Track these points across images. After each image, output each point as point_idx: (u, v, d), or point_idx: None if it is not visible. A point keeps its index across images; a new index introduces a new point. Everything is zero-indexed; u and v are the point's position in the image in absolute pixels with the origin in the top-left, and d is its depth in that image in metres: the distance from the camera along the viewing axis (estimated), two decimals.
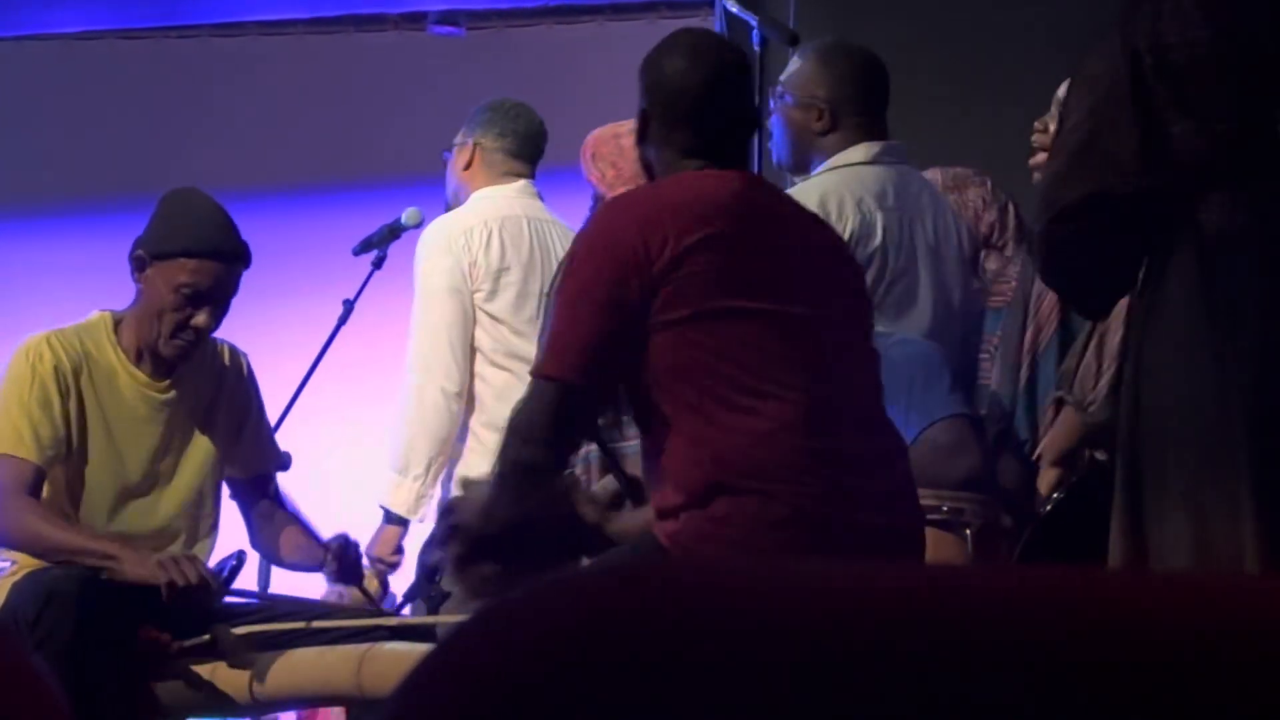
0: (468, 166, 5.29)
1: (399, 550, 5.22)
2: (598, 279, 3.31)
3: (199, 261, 4.25)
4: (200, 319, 4.26)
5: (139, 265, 4.31)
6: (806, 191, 4.53)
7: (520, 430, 3.34)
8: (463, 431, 5.12)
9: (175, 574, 4.03)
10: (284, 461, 4.59)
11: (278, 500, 4.51)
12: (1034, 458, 4.38)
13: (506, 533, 3.41)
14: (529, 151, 5.30)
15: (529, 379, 3.43)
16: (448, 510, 3.59)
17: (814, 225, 3.62)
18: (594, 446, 4.01)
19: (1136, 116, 2.92)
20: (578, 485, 3.66)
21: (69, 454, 4.25)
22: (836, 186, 4.60)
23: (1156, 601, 0.92)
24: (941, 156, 5.22)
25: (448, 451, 5.08)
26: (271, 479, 4.53)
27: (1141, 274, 3.08)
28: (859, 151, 4.68)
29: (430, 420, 5.05)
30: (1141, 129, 2.92)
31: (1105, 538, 3.07)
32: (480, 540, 3.43)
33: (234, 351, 4.52)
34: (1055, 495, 4.23)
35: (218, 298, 4.28)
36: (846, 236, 4.45)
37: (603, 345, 3.30)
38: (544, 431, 3.30)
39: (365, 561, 4.66)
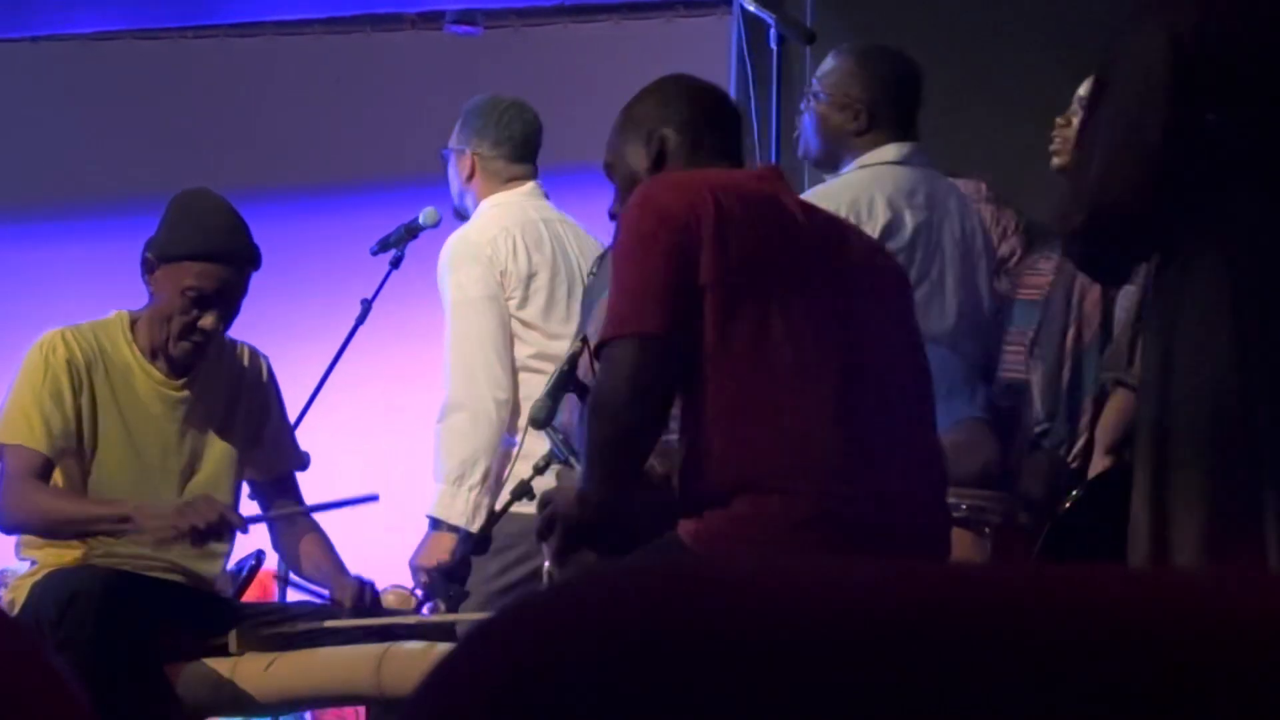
0: (470, 176, 5.26)
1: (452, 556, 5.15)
2: (650, 235, 3.23)
3: (204, 265, 4.24)
4: (207, 321, 4.25)
5: (148, 267, 4.32)
6: (837, 188, 4.59)
7: (599, 403, 3.21)
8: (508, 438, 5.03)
9: (196, 519, 4.06)
10: (303, 461, 4.59)
11: (298, 503, 4.52)
12: (1071, 458, 4.40)
13: (605, 518, 3.28)
14: (528, 153, 5.26)
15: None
16: (545, 502, 3.48)
17: (848, 228, 3.60)
18: None
19: (1173, 103, 2.88)
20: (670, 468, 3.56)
21: (80, 446, 4.26)
22: (868, 184, 4.65)
23: (1172, 600, 0.92)
24: (955, 154, 5.23)
25: (496, 459, 5.00)
26: (291, 480, 4.53)
27: (1163, 264, 3.06)
28: (890, 151, 4.75)
29: (484, 431, 4.95)
30: (1177, 115, 2.88)
31: (1125, 535, 3.06)
32: (579, 529, 3.31)
33: (254, 353, 4.52)
34: (1075, 493, 4.23)
35: (225, 300, 4.27)
36: (876, 234, 4.49)
37: (668, 292, 3.19)
38: (623, 396, 3.15)
39: (399, 578, 4.69)
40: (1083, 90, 4.79)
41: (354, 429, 7.00)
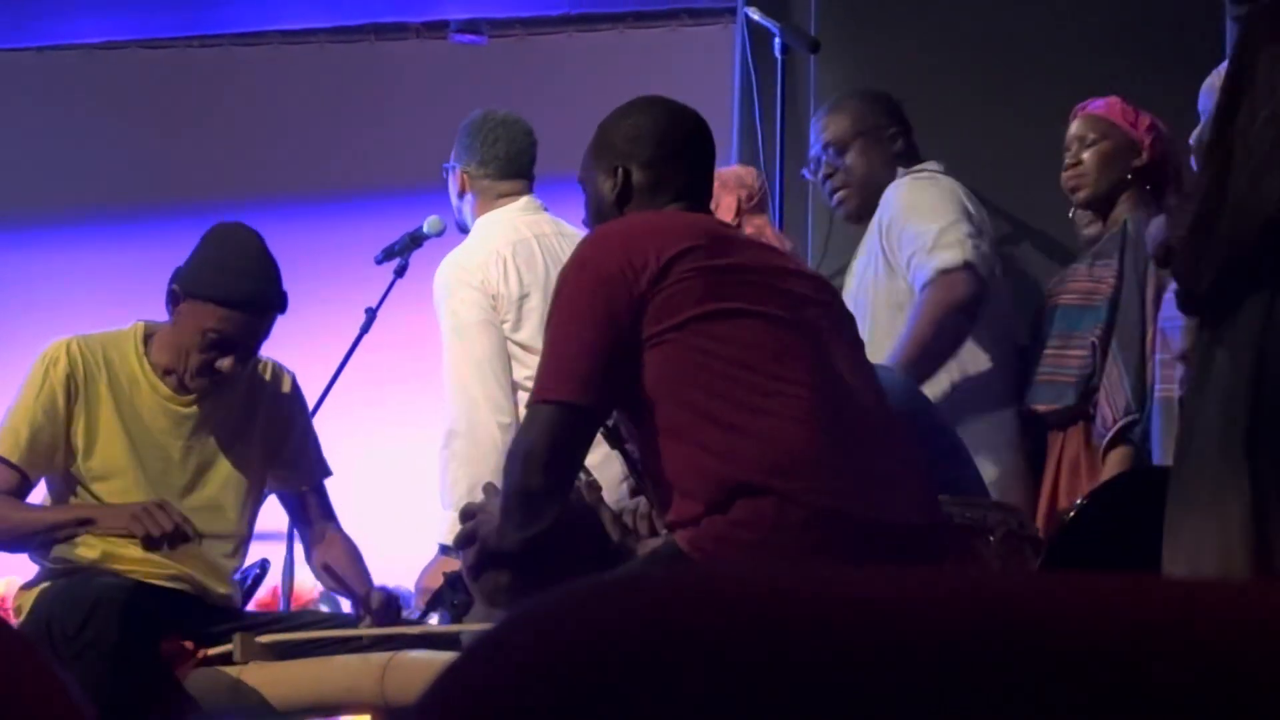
0: (462, 192, 5.26)
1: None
2: (585, 300, 3.34)
3: (230, 311, 4.22)
4: (224, 364, 4.24)
5: (173, 298, 4.29)
6: (924, 187, 4.96)
7: (519, 457, 3.34)
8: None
9: (151, 525, 4.05)
10: (326, 473, 4.60)
11: (328, 515, 4.50)
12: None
13: (520, 552, 3.42)
14: (517, 169, 5.23)
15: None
16: (468, 514, 3.59)
17: (787, 256, 3.70)
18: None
19: None
20: (603, 502, 3.66)
21: (78, 457, 4.26)
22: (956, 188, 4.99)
23: (1182, 609, 0.92)
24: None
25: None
26: (318, 492, 4.51)
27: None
28: (935, 164, 5.06)
29: (489, 457, 4.90)
30: None
31: (1130, 542, 3.04)
32: (494, 555, 3.45)
33: (277, 369, 4.50)
34: (1080, 501, 4.23)
35: (246, 346, 4.27)
36: (976, 228, 4.83)
37: (596, 363, 3.31)
38: (542, 457, 3.30)
39: (412, 589, 4.69)
40: (1076, 129, 4.92)
41: (360, 437, 7.00)
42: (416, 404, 6.82)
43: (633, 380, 3.32)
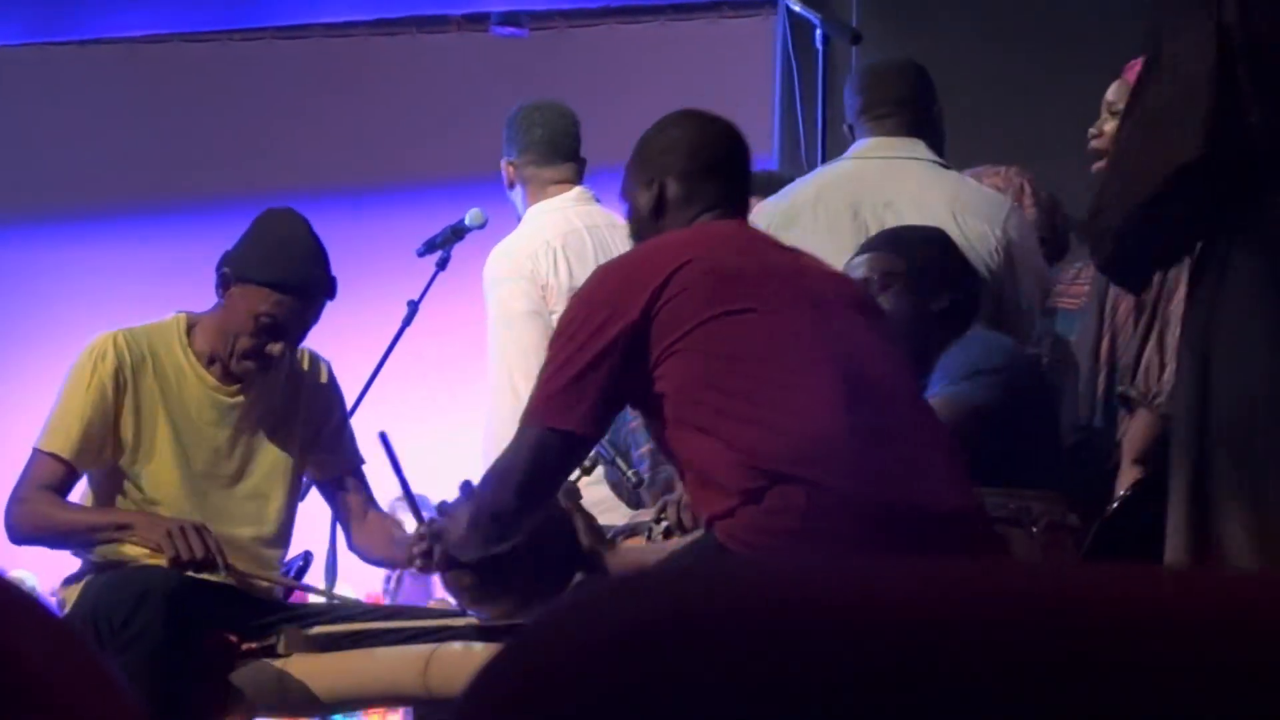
0: (512, 185, 5.26)
1: None
2: (581, 330, 3.38)
3: (282, 295, 4.23)
4: (274, 349, 4.25)
5: (223, 282, 4.30)
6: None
7: (496, 475, 3.41)
8: None
9: (182, 548, 4.06)
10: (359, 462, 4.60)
11: (368, 499, 4.51)
12: (1112, 465, 4.38)
13: (476, 564, 3.52)
14: (562, 153, 5.21)
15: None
16: (443, 511, 3.65)
17: (809, 257, 3.68)
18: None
19: (1217, 97, 2.84)
20: (579, 508, 3.70)
21: (125, 450, 4.27)
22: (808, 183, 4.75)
23: (1218, 601, 0.92)
24: (996, 153, 5.21)
25: None
26: (355, 478, 4.51)
27: (1195, 263, 3.02)
28: (855, 148, 4.79)
29: None
30: (1219, 110, 2.84)
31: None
32: (456, 561, 3.56)
33: (314, 358, 4.51)
34: (1123, 493, 4.22)
35: (297, 330, 4.28)
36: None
37: (587, 391, 3.35)
38: (518, 478, 3.37)
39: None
40: (1110, 95, 4.79)
41: (401, 430, 7.01)
42: (458, 396, 6.83)
43: (652, 393, 3.35)
